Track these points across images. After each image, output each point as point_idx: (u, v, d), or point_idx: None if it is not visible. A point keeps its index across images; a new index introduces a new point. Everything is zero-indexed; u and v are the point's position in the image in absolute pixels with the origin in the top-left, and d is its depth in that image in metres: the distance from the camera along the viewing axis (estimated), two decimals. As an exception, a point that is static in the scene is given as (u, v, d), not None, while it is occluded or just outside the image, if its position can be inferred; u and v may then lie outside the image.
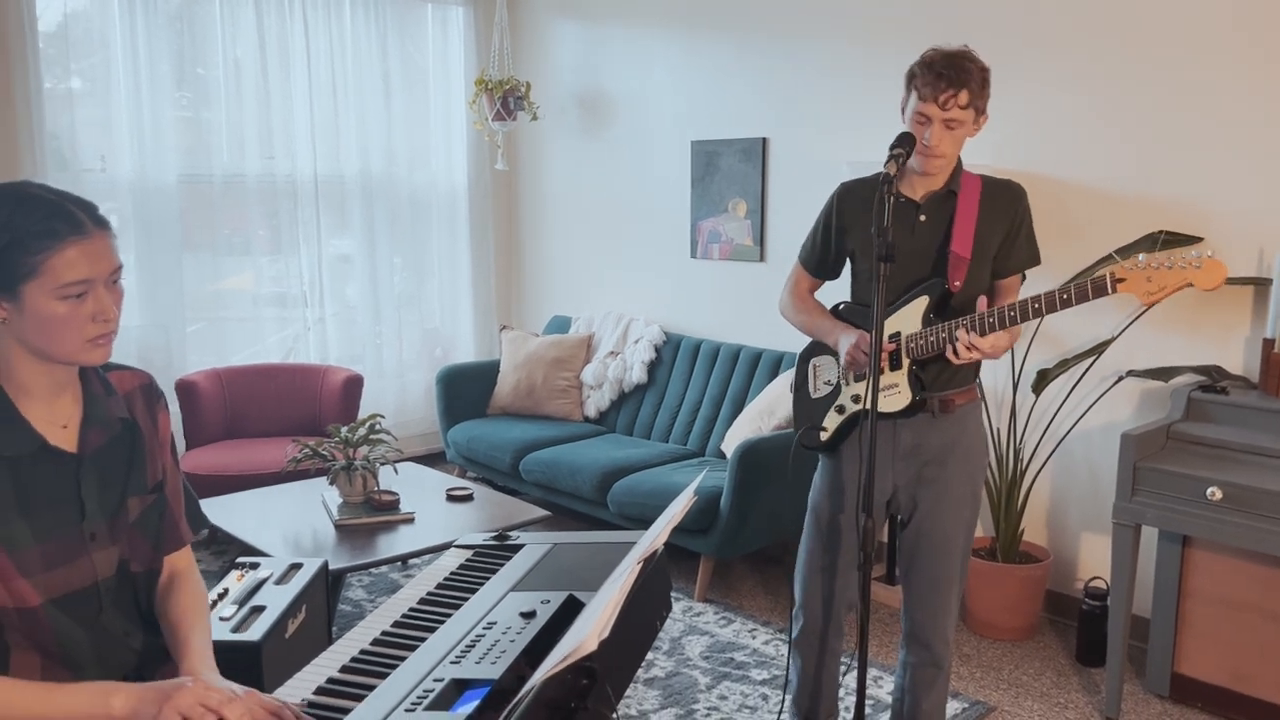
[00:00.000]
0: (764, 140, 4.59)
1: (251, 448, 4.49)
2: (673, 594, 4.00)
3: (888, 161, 2.24)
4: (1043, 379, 3.53)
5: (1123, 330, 3.48)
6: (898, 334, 2.44)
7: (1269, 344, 3.10)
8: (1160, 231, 3.36)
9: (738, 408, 4.49)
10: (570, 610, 1.66)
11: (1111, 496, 3.53)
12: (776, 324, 4.62)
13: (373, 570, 4.17)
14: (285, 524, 3.56)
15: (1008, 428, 3.70)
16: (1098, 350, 3.47)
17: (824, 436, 2.58)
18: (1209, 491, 2.76)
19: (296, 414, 4.80)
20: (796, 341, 4.51)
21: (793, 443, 2.65)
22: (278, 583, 2.73)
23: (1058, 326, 3.67)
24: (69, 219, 1.41)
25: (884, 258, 2.17)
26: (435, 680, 1.47)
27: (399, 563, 4.02)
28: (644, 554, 1.22)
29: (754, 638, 3.63)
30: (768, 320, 4.68)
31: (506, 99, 5.31)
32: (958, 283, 2.40)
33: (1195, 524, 2.81)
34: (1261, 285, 3.22)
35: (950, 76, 2.27)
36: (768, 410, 4.13)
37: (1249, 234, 3.25)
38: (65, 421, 1.52)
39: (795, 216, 4.52)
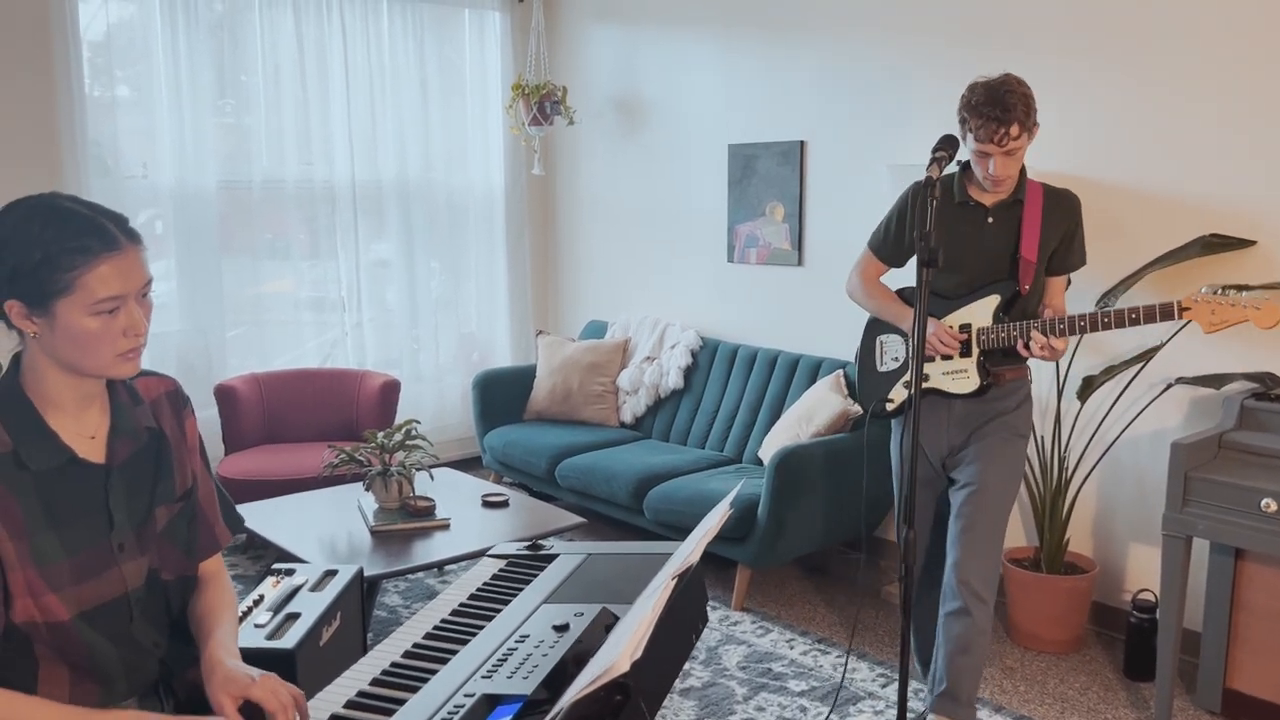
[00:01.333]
0: (802, 143, 4.54)
1: (289, 452, 4.51)
2: (710, 603, 3.96)
3: (930, 164, 2.22)
4: (1088, 386, 3.45)
5: (1171, 337, 3.39)
6: (968, 325, 2.73)
7: (1326, 350, 3.01)
8: (1211, 235, 3.27)
9: (775, 414, 4.44)
10: (604, 623, 1.63)
11: (1159, 506, 3.44)
12: (815, 329, 4.57)
13: (409, 576, 4.17)
14: (321, 530, 3.56)
15: (1052, 435, 3.63)
16: (1146, 357, 3.39)
17: (889, 407, 2.90)
18: (1263, 503, 2.68)
19: (334, 419, 4.82)
20: (835, 347, 4.47)
21: (866, 412, 2.97)
22: (313, 589, 2.72)
23: (1104, 333, 3.58)
24: (102, 234, 1.40)
25: (927, 262, 2.16)
26: (466, 695, 1.44)
27: (435, 569, 4.01)
28: (678, 570, 1.19)
29: (792, 648, 3.58)
30: (806, 325, 4.62)
31: (543, 103, 5.30)
32: (1026, 285, 2.70)
33: (1249, 536, 2.72)
34: (1317, 290, 3.12)
35: (999, 116, 2.48)
36: (806, 416, 4.08)
37: (1304, 237, 3.16)
38: (93, 432, 1.51)
39: (833, 220, 4.47)
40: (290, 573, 2.83)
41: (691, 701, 3.21)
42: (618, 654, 1.00)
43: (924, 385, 2.77)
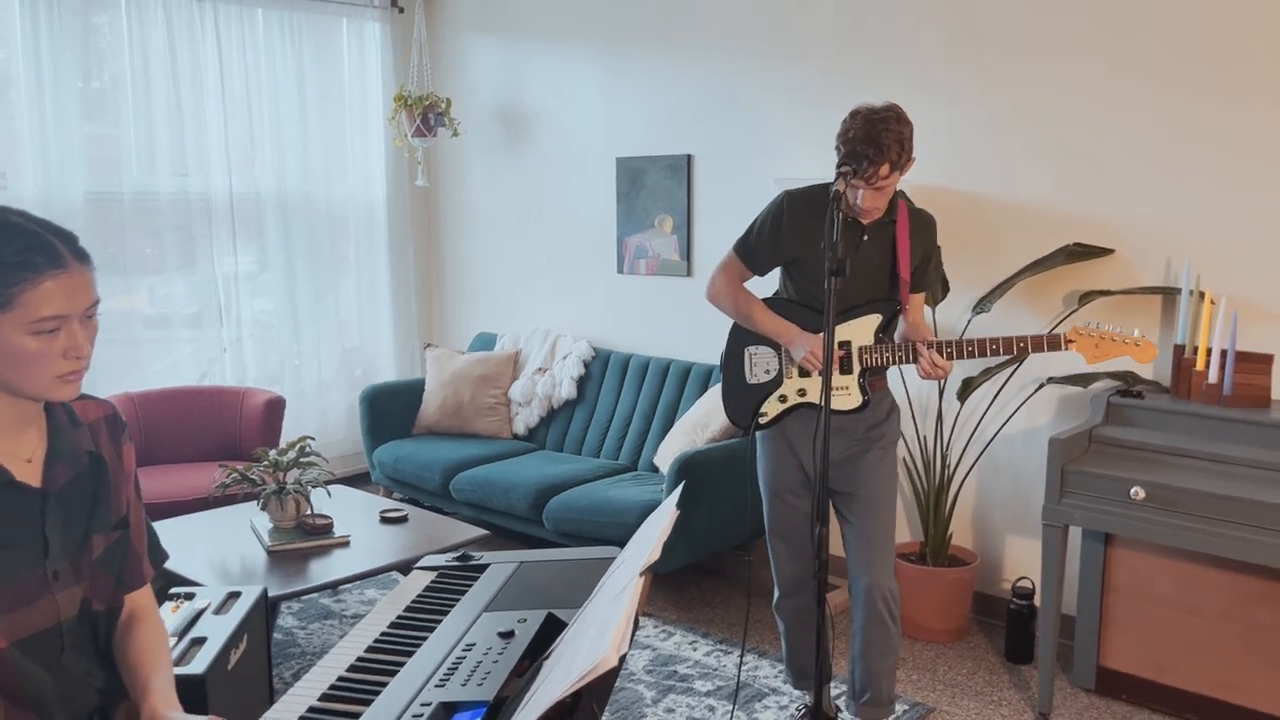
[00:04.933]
0: (689, 157, 4.65)
1: (168, 474, 4.34)
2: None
3: (836, 179, 2.31)
4: (968, 387, 3.65)
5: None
6: (847, 343, 2.76)
7: (1179, 350, 3.27)
8: (1074, 244, 3.51)
9: (669, 421, 4.52)
10: (551, 629, 1.65)
11: (1034, 499, 3.67)
12: (705, 338, 4.67)
13: (304, 597, 4.06)
14: (214, 552, 3.45)
15: (934, 434, 3.82)
16: (1019, 359, 3.61)
17: (763, 420, 2.86)
18: (1132, 491, 2.90)
19: (215, 438, 4.66)
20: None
21: (749, 427, 2.91)
22: (216, 612, 2.64)
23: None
24: (48, 251, 1.35)
25: (835, 272, 2.24)
26: (422, 705, 1.45)
27: (332, 589, 3.92)
28: (645, 566, 1.23)
29: (695, 650, 3.66)
30: (696, 334, 4.73)
31: (426, 115, 5.27)
32: (904, 303, 2.77)
33: (1120, 523, 2.94)
34: (1170, 294, 3.39)
35: (870, 155, 2.47)
36: (701, 423, 4.17)
37: (1157, 245, 3.43)
38: (30, 455, 1.45)
39: (721, 232, 4.59)
40: (190, 596, 2.74)
41: (602, 707, 3.24)
42: (604, 649, 1.04)
43: (801, 400, 2.80)
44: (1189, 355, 3.25)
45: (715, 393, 4.28)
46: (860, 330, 2.73)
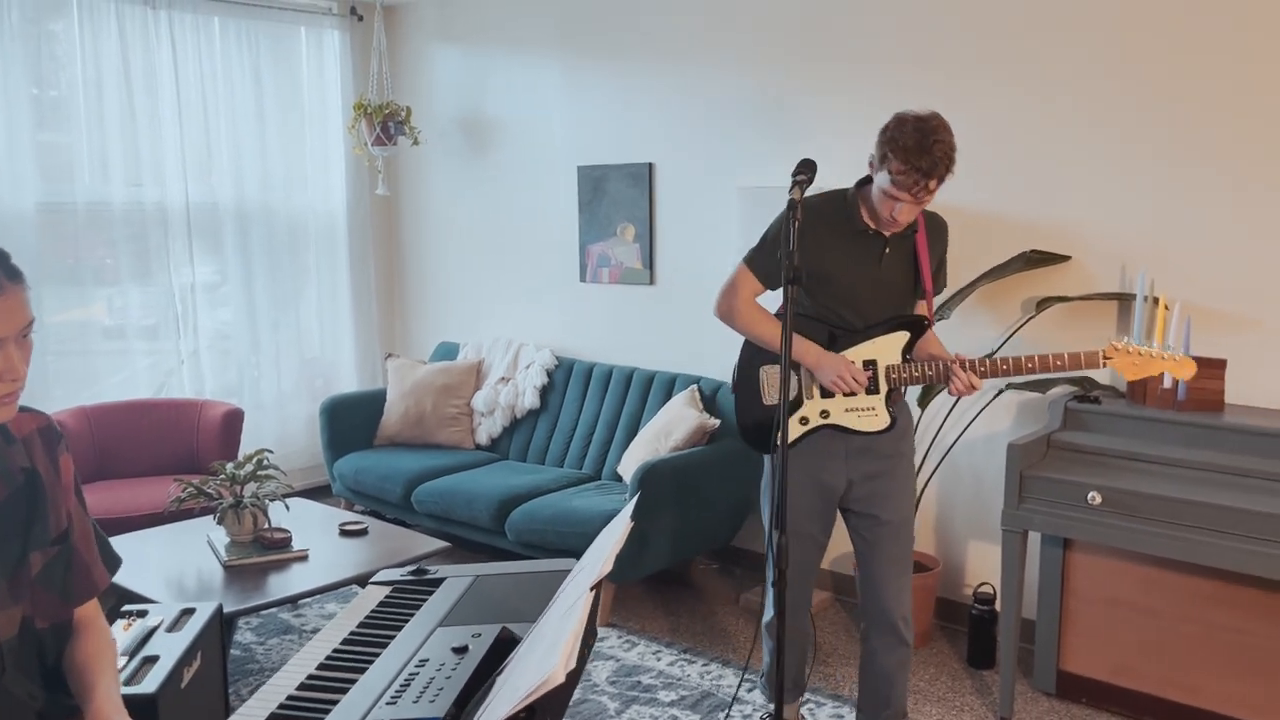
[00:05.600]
0: (650, 165, 4.64)
1: (124, 489, 4.26)
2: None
3: (792, 188, 2.30)
4: (928, 393, 3.67)
5: (1000, 346, 3.65)
6: (872, 361, 2.65)
7: (1134, 355, 3.30)
8: (1032, 251, 3.54)
9: (632, 430, 4.51)
10: (504, 643, 1.63)
11: (995, 504, 3.69)
12: (668, 346, 4.67)
13: (262, 612, 4.00)
14: (169, 567, 3.39)
15: (896, 441, 3.83)
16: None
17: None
18: (1090, 496, 2.92)
19: (172, 451, 4.59)
20: (689, 363, 4.57)
21: (782, 448, 2.60)
22: (170, 630, 2.59)
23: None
24: None
25: (792, 280, 2.23)
26: (373, 723, 1.42)
27: (291, 604, 3.87)
28: (595, 580, 1.21)
29: (659, 660, 3.64)
30: (659, 342, 4.72)
31: (386, 123, 5.23)
32: (930, 316, 2.69)
33: (1079, 528, 2.96)
34: (1125, 300, 3.43)
35: (924, 168, 2.37)
36: (664, 431, 4.16)
37: (1112, 251, 3.46)
38: None
39: (683, 240, 4.59)
40: (143, 614, 2.68)
41: (565, 720, 3.22)
42: (553, 664, 1.02)
43: (824, 422, 2.67)
44: (1144, 360, 3.28)
45: (678, 401, 4.27)
46: (887, 348, 2.63)
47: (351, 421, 5.03)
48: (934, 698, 3.39)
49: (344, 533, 3.70)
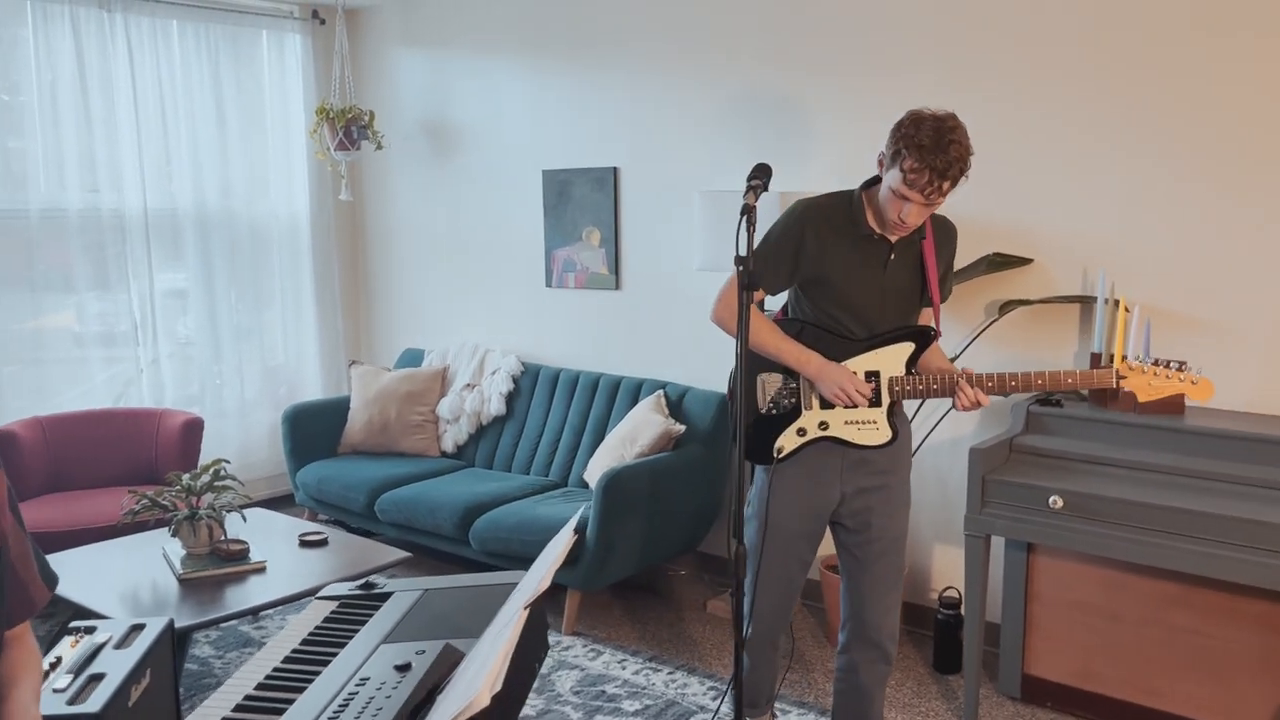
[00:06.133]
0: (615, 169, 4.61)
1: (80, 501, 4.18)
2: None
3: (747, 193, 2.27)
4: (893, 398, 3.65)
5: (963, 349, 3.64)
6: (875, 373, 2.55)
7: (1096, 358, 3.31)
8: (995, 254, 3.54)
9: (599, 436, 4.47)
10: (448, 660, 1.59)
11: (960, 508, 3.68)
12: (634, 351, 4.64)
13: (222, 625, 3.94)
14: (123, 581, 3.32)
15: (861, 446, 3.81)
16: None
17: (780, 455, 2.60)
18: (1051, 500, 2.91)
19: (131, 462, 4.51)
20: (655, 369, 4.55)
21: (768, 461, 2.63)
22: (118, 646, 2.53)
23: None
24: None
25: (747, 286, 2.20)
26: (308, 746, 1.38)
27: (251, 616, 3.81)
28: (529, 599, 1.18)
29: (624, 668, 3.61)
30: (626, 348, 4.69)
31: (349, 128, 5.17)
32: (936, 328, 2.59)
33: (1040, 532, 2.95)
34: (1087, 303, 3.43)
35: (940, 168, 2.29)
36: (630, 437, 4.13)
37: (1073, 254, 3.47)
38: None
39: (649, 244, 4.56)
40: (91, 630, 2.62)
41: (527, 731, 3.18)
42: (478, 687, 0.99)
43: (823, 434, 2.58)
44: (1105, 363, 3.28)
45: (644, 407, 4.24)
46: (891, 360, 2.53)
47: (314, 430, 4.97)
48: (899, 704, 3.37)
49: (303, 543, 3.64)
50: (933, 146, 2.28)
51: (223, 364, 5.32)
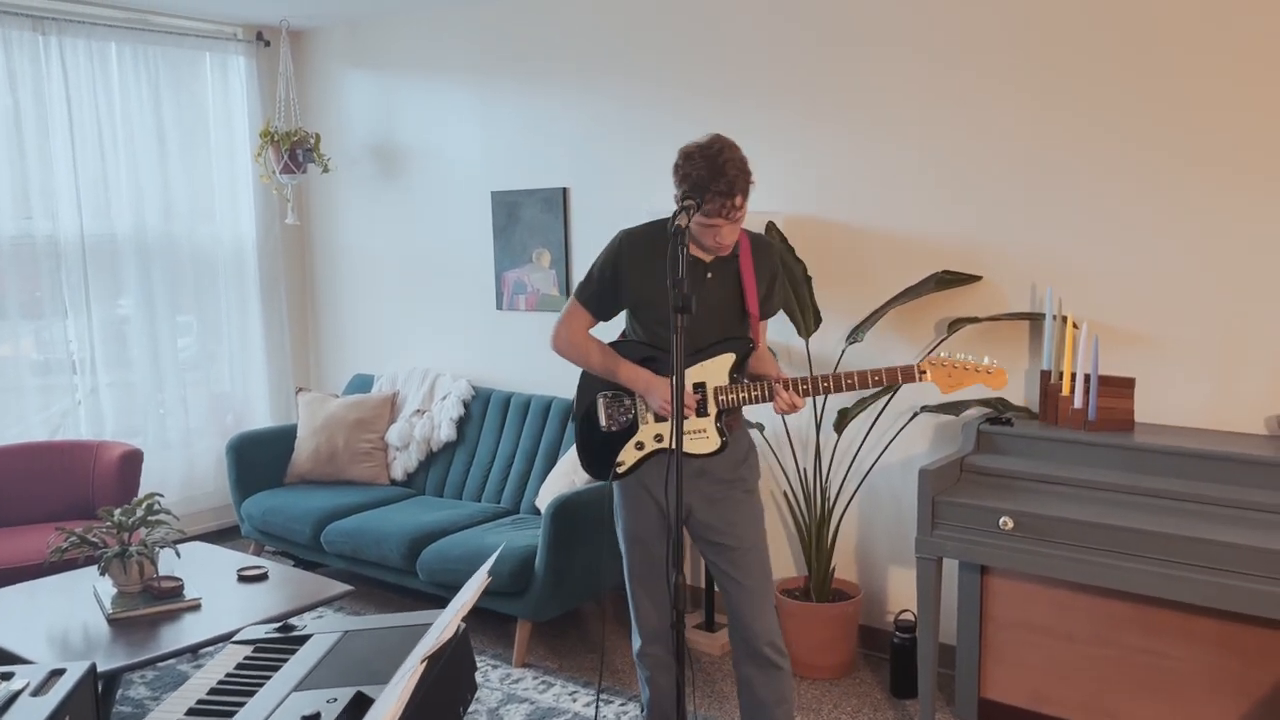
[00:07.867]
0: (564, 190, 4.56)
1: (10, 538, 4.03)
2: (490, 660, 3.83)
3: (679, 214, 2.24)
4: (844, 418, 3.61)
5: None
6: (702, 384, 2.63)
7: (1045, 375, 3.28)
8: (943, 272, 3.51)
9: (551, 461, 4.39)
10: (358, 709, 1.51)
11: (914, 528, 3.64)
12: (585, 374, 4.56)
13: (157, 665, 3.80)
14: (50, 623, 3.19)
15: (814, 467, 3.77)
16: (892, 388, 3.58)
17: (620, 470, 2.70)
18: (1001, 521, 2.87)
19: (66, 497, 4.36)
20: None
21: (608, 480, 2.73)
22: (35, 694, 2.41)
23: (855, 367, 3.77)
24: None
25: (680, 309, 2.16)
26: (199, 809, 1.29)
27: (188, 655, 3.68)
28: (428, 652, 1.10)
29: (575, 700, 3.52)
30: (578, 371, 4.61)
31: (295, 151, 5.08)
32: (757, 339, 2.69)
33: (991, 554, 2.91)
34: (1036, 320, 3.41)
35: (724, 190, 2.41)
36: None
37: (1022, 272, 3.44)
38: None
39: (599, 266, 4.49)
40: (8, 676, 2.49)
41: (473, 769, 3.07)
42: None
43: (659, 446, 2.67)
44: (1055, 381, 3.26)
45: (595, 431, 4.16)
46: (714, 371, 2.63)
47: (261, 459, 4.84)
48: (855, 730, 3.31)
49: (242, 578, 3.52)
50: (711, 175, 2.40)
51: (166, 393, 5.18)
